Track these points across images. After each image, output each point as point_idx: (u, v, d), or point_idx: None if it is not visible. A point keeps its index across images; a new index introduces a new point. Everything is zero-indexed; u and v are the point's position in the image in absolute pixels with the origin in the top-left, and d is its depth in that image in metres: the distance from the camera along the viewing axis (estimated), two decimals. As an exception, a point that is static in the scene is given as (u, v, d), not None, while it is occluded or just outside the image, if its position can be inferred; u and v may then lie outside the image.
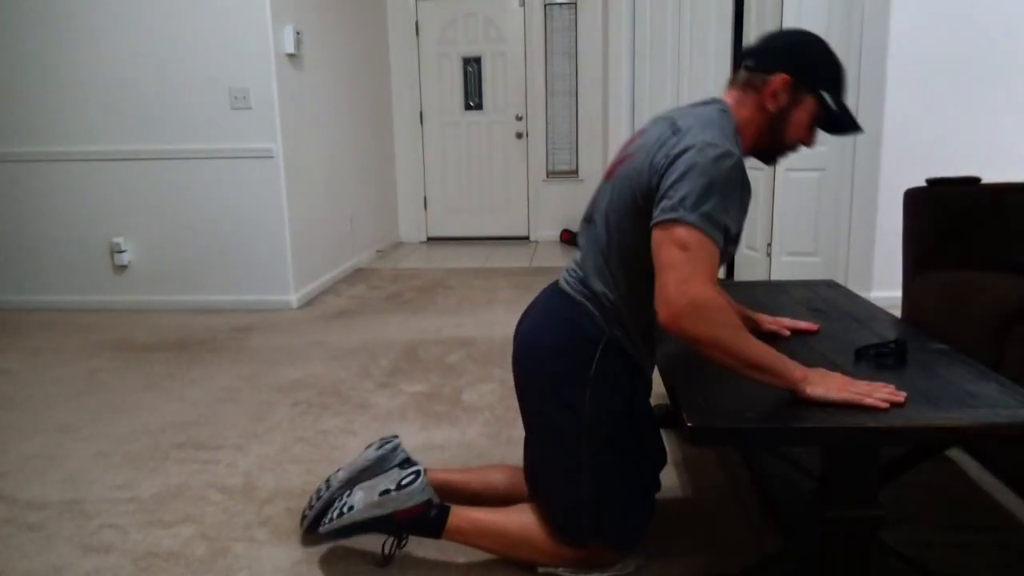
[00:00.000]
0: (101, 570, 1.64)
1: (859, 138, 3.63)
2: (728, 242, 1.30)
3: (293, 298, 4.03)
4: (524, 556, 1.58)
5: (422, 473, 1.60)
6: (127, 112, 3.89)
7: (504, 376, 2.83)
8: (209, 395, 2.72)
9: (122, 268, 4.07)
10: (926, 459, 1.63)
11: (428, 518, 1.57)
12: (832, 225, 3.87)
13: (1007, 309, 1.79)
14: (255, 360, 3.13)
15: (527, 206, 6.20)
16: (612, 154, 4.98)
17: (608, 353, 1.45)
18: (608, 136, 5.07)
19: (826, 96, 1.37)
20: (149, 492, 2.00)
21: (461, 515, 1.59)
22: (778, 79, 1.36)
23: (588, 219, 1.51)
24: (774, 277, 4.05)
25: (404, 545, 1.63)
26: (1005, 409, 1.21)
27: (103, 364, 3.13)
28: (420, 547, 1.66)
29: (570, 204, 6.14)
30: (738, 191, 1.29)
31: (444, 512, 1.58)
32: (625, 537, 1.54)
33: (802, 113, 1.38)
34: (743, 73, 1.42)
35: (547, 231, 6.20)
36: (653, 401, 2.54)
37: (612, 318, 1.45)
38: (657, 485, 1.59)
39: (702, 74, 4.44)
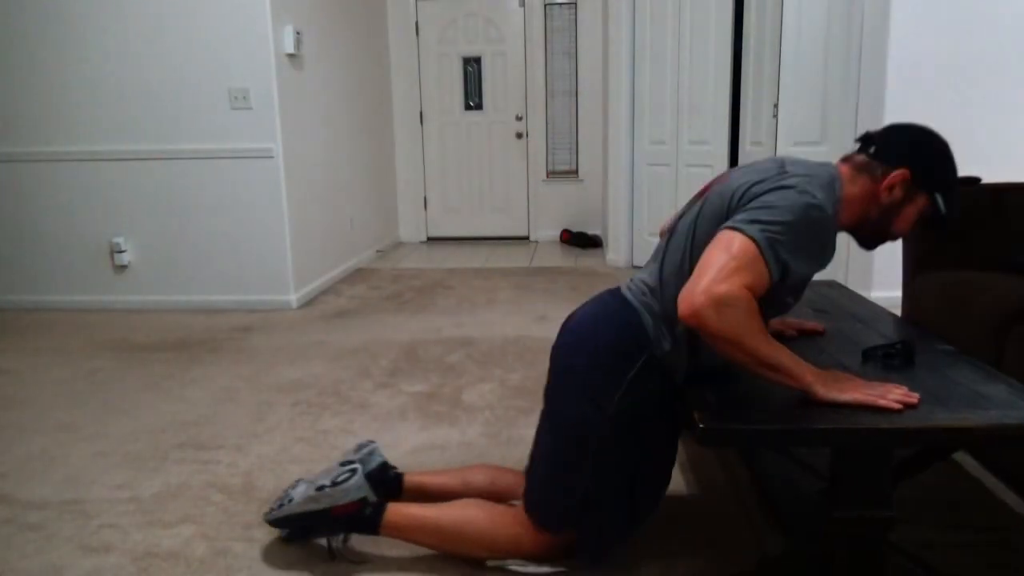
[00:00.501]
0: (101, 570, 1.64)
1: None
2: (786, 286, 1.30)
3: (293, 298, 4.03)
4: (460, 550, 1.61)
5: (358, 471, 1.64)
6: (127, 112, 3.89)
7: (504, 376, 2.83)
8: (209, 395, 2.72)
9: (122, 268, 4.07)
10: (936, 461, 1.63)
11: (363, 515, 1.61)
12: (832, 225, 3.86)
13: (1007, 309, 1.79)
14: (255, 360, 3.13)
15: (527, 206, 6.20)
16: (612, 154, 4.98)
17: (649, 365, 1.44)
18: (608, 136, 5.07)
19: (939, 199, 1.38)
20: (149, 492, 2.00)
21: (398, 511, 1.62)
22: (898, 174, 1.36)
23: (671, 230, 1.51)
24: (774, 277, 4.05)
25: (347, 541, 1.66)
26: (1015, 411, 1.21)
27: (103, 364, 3.12)
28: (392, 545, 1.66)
29: (570, 204, 6.14)
30: (815, 245, 1.30)
31: (380, 509, 1.61)
32: (599, 543, 1.53)
33: (911, 209, 1.39)
34: (862, 156, 1.42)
35: (547, 231, 6.20)
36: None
37: (664, 331, 1.44)
38: (651, 508, 1.57)
39: (702, 74, 4.45)
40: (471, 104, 6.07)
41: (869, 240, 1.46)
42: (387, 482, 1.73)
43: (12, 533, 1.80)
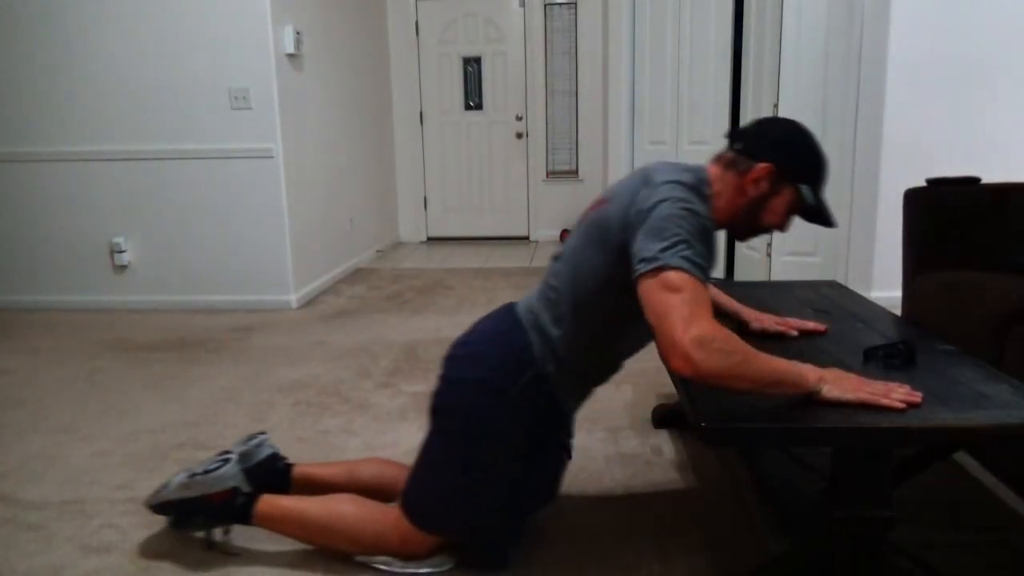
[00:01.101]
0: (101, 570, 1.64)
1: (859, 138, 3.63)
2: None
3: (293, 298, 4.03)
4: (327, 544, 1.63)
5: (232, 460, 1.68)
6: (127, 112, 3.89)
7: (504, 376, 2.83)
8: (209, 395, 2.72)
9: (122, 268, 4.07)
10: (936, 461, 1.63)
11: (234, 504, 1.64)
12: (832, 225, 3.86)
13: (1007, 309, 1.79)
14: (255, 360, 3.13)
15: (527, 206, 6.20)
16: (612, 154, 4.98)
17: (533, 385, 1.48)
18: (608, 136, 5.07)
19: (805, 190, 1.43)
20: (149, 492, 1.99)
21: (270, 503, 1.65)
22: (762, 167, 1.41)
23: (557, 257, 1.55)
24: (774, 277, 4.05)
25: (228, 532, 1.68)
26: (1017, 410, 1.21)
27: (103, 364, 3.12)
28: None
29: (570, 204, 6.14)
30: (708, 246, 1.33)
31: (252, 500, 1.64)
32: (489, 548, 1.57)
33: (779, 201, 1.44)
34: (729, 153, 1.47)
35: (547, 231, 6.20)
36: (656, 400, 2.55)
37: (549, 354, 1.49)
38: (529, 516, 1.62)
39: (702, 74, 4.45)
40: (471, 104, 6.07)
41: (742, 233, 1.50)
42: (276, 473, 1.76)
43: (12, 533, 1.80)
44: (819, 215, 1.44)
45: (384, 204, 5.88)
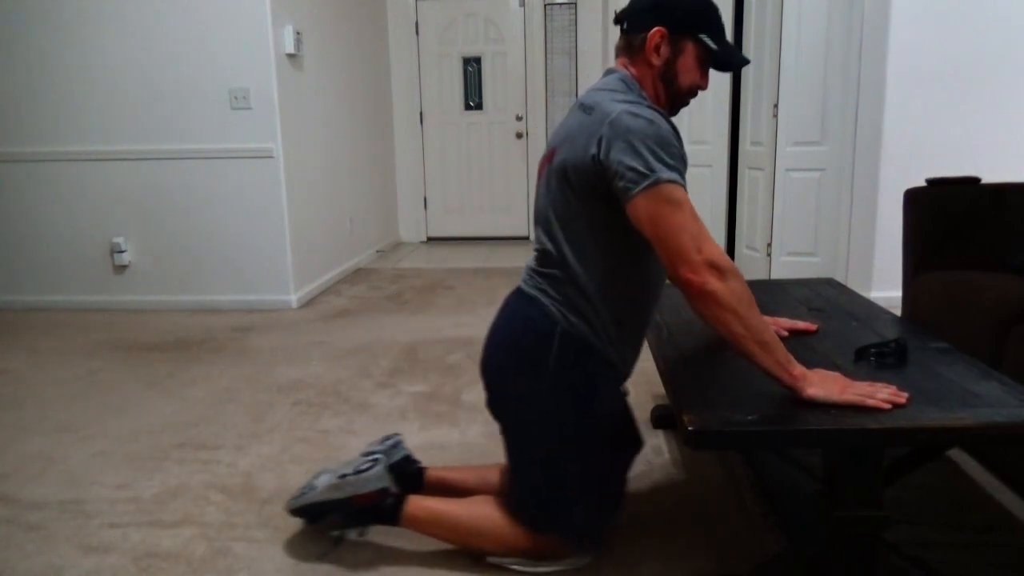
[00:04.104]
0: (101, 570, 1.64)
1: (859, 138, 3.63)
2: None
3: (293, 298, 4.03)
4: (475, 545, 1.62)
5: (380, 461, 1.65)
6: (127, 112, 3.89)
7: (504, 376, 2.83)
8: (209, 395, 2.72)
9: (122, 268, 4.07)
10: (928, 460, 1.63)
11: (384, 505, 1.62)
12: (832, 225, 3.87)
13: (1007, 309, 1.79)
14: (255, 360, 3.13)
15: (527, 206, 6.20)
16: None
17: (565, 346, 1.45)
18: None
19: (705, 38, 1.42)
20: (149, 492, 2.00)
21: (418, 504, 1.63)
22: (654, 33, 1.41)
23: (538, 221, 1.52)
24: (774, 277, 4.05)
25: (364, 533, 1.68)
26: (1007, 408, 1.20)
27: (103, 364, 3.12)
28: (404, 539, 1.66)
29: (570, 204, 6.13)
30: (674, 141, 1.33)
31: (400, 501, 1.63)
32: (576, 533, 1.54)
33: (687, 59, 1.44)
34: (622, 40, 1.48)
35: (547, 231, 6.19)
36: (654, 402, 2.55)
37: (569, 309, 1.46)
38: (622, 485, 1.59)
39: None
40: (471, 104, 6.07)
41: (673, 108, 1.49)
42: (410, 475, 1.75)
43: (12, 533, 1.80)
44: (730, 59, 1.45)
45: (384, 204, 5.88)
